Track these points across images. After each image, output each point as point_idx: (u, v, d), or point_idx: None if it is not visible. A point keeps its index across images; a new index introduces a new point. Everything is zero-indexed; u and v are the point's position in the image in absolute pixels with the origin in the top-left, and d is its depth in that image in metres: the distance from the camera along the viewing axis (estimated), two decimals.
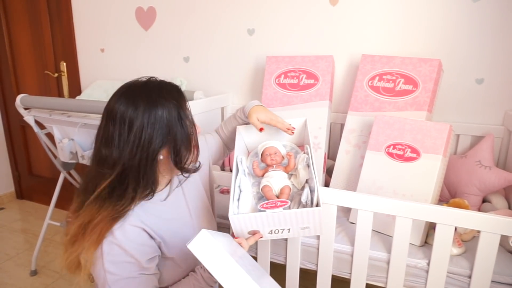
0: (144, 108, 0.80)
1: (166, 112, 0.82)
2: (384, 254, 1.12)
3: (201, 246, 0.72)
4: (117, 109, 0.80)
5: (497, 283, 1.02)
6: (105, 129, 0.81)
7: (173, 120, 0.83)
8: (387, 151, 1.24)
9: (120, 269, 0.80)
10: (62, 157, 1.75)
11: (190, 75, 2.03)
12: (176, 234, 0.91)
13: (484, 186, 1.32)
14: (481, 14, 1.44)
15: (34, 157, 2.80)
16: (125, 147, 0.79)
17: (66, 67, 2.40)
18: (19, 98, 1.66)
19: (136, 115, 0.79)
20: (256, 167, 1.03)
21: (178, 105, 0.85)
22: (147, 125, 0.79)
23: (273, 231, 0.90)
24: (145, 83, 0.85)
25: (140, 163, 0.80)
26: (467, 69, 1.50)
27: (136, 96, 0.81)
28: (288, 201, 0.87)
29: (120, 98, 0.81)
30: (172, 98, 0.84)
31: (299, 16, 1.71)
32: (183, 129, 0.85)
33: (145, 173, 0.82)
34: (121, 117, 0.79)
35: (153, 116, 0.80)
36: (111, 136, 0.80)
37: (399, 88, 1.38)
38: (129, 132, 0.79)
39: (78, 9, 2.26)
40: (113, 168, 0.80)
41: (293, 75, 1.55)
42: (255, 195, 1.01)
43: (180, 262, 0.92)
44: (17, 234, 2.43)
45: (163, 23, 2.03)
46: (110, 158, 0.80)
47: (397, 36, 1.57)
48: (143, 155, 0.80)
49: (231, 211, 0.87)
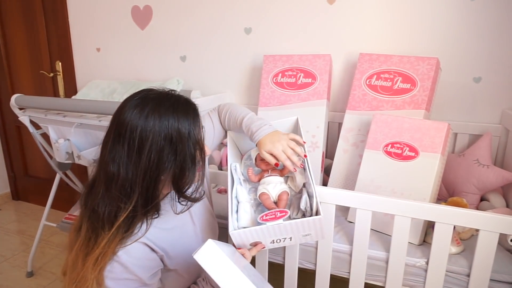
0: (159, 129, 0.75)
1: (179, 136, 0.77)
2: (382, 253, 1.12)
3: (207, 257, 0.71)
4: (128, 122, 0.76)
5: (496, 282, 1.02)
6: (111, 139, 0.77)
7: (183, 146, 0.78)
8: (386, 150, 1.23)
9: (122, 286, 0.79)
10: (58, 158, 1.74)
11: (187, 74, 2.02)
12: (178, 243, 0.89)
13: (482, 184, 1.32)
14: (478, 13, 1.44)
15: (29, 158, 2.77)
16: (134, 169, 0.75)
17: (62, 67, 2.39)
18: (14, 98, 1.64)
19: (147, 134, 0.75)
20: (251, 174, 1.00)
21: (191, 130, 0.80)
22: (156, 147, 0.75)
23: (275, 241, 0.89)
24: (160, 98, 0.80)
25: (147, 189, 0.77)
26: (465, 68, 1.50)
27: (149, 112, 0.76)
28: (288, 211, 0.85)
29: (134, 110, 0.77)
30: (186, 120, 0.79)
31: (296, 14, 1.71)
32: (192, 157, 0.80)
33: (152, 197, 0.79)
34: (130, 132, 0.75)
35: (164, 141, 0.76)
36: (117, 150, 0.76)
37: (397, 87, 1.38)
38: (139, 151, 0.75)
39: (73, 8, 2.24)
40: (127, 198, 0.76)
41: (290, 74, 1.54)
42: (253, 202, 1.00)
43: (183, 273, 0.90)
44: (13, 236, 2.41)
45: (159, 22, 2.01)
46: (120, 181, 0.76)
47: (395, 35, 1.57)
48: (150, 179, 0.76)
49: (231, 227, 0.85)
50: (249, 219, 0.92)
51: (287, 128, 1.12)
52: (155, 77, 2.10)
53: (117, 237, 0.77)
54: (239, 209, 0.93)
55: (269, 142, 0.93)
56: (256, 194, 0.97)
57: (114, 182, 0.76)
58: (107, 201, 0.77)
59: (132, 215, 0.78)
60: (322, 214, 0.84)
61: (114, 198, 0.77)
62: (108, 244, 0.76)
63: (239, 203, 0.95)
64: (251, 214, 0.94)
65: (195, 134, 0.80)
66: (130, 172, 0.75)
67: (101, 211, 0.78)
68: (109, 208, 0.77)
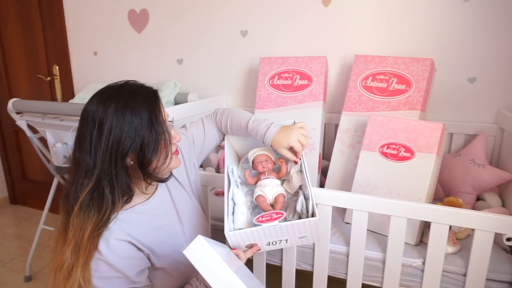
0: (114, 110, 0.79)
1: (137, 115, 0.81)
2: (379, 254, 1.12)
3: (197, 253, 0.71)
4: (89, 110, 0.81)
5: (492, 281, 1.03)
6: (79, 131, 0.82)
7: (142, 124, 0.81)
8: (381, 150, 1.24)
9: (109, 284, 0.80)
10: (55, 161, 1.74)
11: (184, 77, 2.02)
12: (165, 243, 0.90)
13: (478, 184, 1.32)
14: (472, 14, 1.45)
15: (27, 162, 2.77)
16: (96, 150, 0.79)
17: (59, 71, 2.39)
18: (11, 103, 1.64)
19: (105, 116, 0.79)
20: (248, 177, 1.01)
21: (150, 109, 0.83)
22: (115, 127, 0.79)
23: (270, 243, 0.89)
24: (121, 86, 0.85)
25: (111, 167, 0.80)
26: (460, 68, 1.51)
27: (108, 98, 0.81)
28: (284, 213, 0.85)
29: (94, 99, 0.82)
30: (145, 102, 0.83)
31: (292, 17, 1.72)
32: (152, 135, 0.83)
33: (117, 176, 0.81)
34: (91, 118, 0.79)
35: (122, 118, 0.79)
36: (83, 138, 0.80)
37: (392, 88, 1.39)
38: (99, 134, 0.79)
39: (70, 12, 2.24)
40: (89, 175, 0.79)
41: (286, 76, 1.55)
42: (250, 205, 1.01)
43: (171, 271, 0.91)
44: (11, 240, 2.41)
45: (156, 26, 2.02)
46: (84, 163, 0.80)
47: (389, 36, 1.58)
48: (112, 158, 0.79)
49: (227, 228, 0.86)
50: (245, 221, 0.92)
51: None
52: (152, 80, 2.10)
53: (91, 218, 0.79)
54: (235, 211, 0.93)
55: (282, 138, 0.95)
56: (253, 197, 0.97)
57: (79, 165, 0.80)
58: (75, 184, 0.81)
59: (98, 193, 0.80)
60: (318, 216, 0.84)
61: (79, 178, 0.81)
62: (81, 224, 0.78)
63: (235, 205, 0.95)
64: (247, 216, 0.94)
65: (155, 116, 0.84)
66: (92, 152, 0.79)
67: (70, 195, 0.81)
68: (75, 188, 0.81)
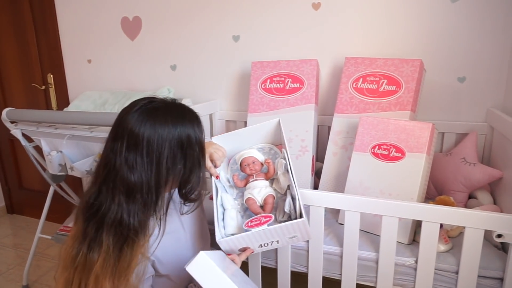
0: (172, 134, 0.80)
1: (188, 136, 0.82)
2: (373, 254, 1.13)
3: (199, 269, 0.74)
4: (143, 134, 0.78)
5: (484, 278, 1.04)
6: (128, 152, 0.78)
7: (193, 147, 0.83)
8: (373, 151, 1.25)
9: None
10: (51, 170, 1.74)
11: (178, 83, 2.03)
12: (170, 250, 0.91)
13: (470, 182, 1.34)
14: (459, 14, 1.47)
15: (24, 171, 2.77)
16: (156, 176, 0.79)
17: (54, 79, 2.40)
18: (5, 112, 1.65)
19: (164, 142, 0.79)
20: (237, 180, 1.03)
21: (199, 131, 0.86)
22: (171, 153, 0.80)
23: (262, 245, 0.91)
24: (167, 105, 0.84)
25: (159, 189, 0.81)
26: (449, 68, 1.53)
27: (163, 121, 0.80)
28: (272, 216, 0.87)
29: (143, 121, 0.79)
30: (195, 124, 0.86)
31: (283, 21, 1.73)
32: (198, 155, 0.85)
33: (160, 199, 0.83)
34: (148, 143, 0.78)
35: (176, 142, 0.80)
36: (137, 161, 0.78)
37: (382, 89, 1.41)
38: (158, 161, 0.79)
39: (63, 21, 2.26)
40: (155, 202, 0.81)
41: (278, 80, 1.56)
42: (240, 207, 1.02)
43: (174, 278, 0.92)
44: (8, 250, 2.40)
45: (149, 33, 2.04)
46: (142, 187, 0.78)
47: (379, 38, 1.60)
48: (162, 180, 0.81)
49: (218, 235, 0.88)
50: (235, 225, 0.93)
51: (269, 130, 1.13)
52: (146, 86, 2.11)
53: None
54: (225, 217, 0.94)
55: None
56: (243, 199, 0.98)
57: (138, 191, 0.78)
58: (133, 210, 0.79)
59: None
60: (305, 217, 0.85)
61: (140, 206, 0.79)
62: (140, 250, 0.80)
63: (225, 210, 0.96)
64: (237, 220, 0.95)
65: (201, 139, 0.86)
66: (153, 180, 0.79)
67: (130, 221, 0.78)
68: (139, 216, 0.79)
